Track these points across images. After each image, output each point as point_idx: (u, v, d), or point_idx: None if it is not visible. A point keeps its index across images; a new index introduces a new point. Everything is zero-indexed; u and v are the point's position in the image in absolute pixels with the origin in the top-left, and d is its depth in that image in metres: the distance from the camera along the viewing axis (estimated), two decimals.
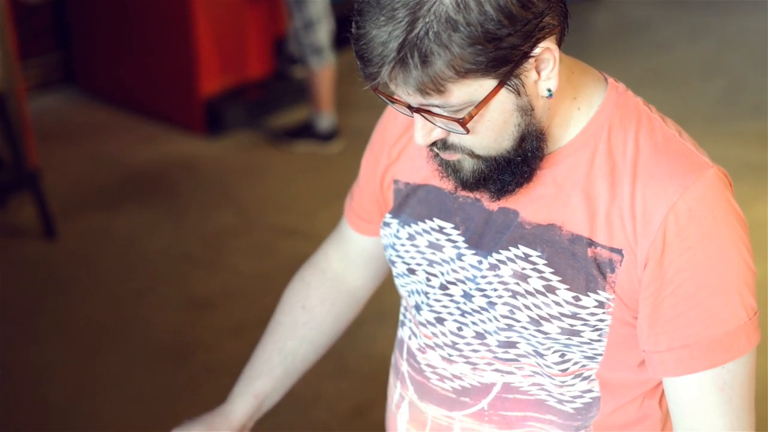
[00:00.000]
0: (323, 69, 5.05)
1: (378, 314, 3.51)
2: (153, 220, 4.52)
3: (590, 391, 1.52)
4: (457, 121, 1.35)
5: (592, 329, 1.46)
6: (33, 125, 4.77)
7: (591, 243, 1.44)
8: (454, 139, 1.41)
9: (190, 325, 3.84)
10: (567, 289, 1.45)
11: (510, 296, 1.48)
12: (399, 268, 1.60)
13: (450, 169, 1.45)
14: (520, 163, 1.42)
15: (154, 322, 3.84)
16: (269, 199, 4.70)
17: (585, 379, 1.51)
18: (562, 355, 1.49)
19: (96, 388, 3.46)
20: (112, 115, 5.52)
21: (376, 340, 3.67)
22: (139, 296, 3.98)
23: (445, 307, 1.56)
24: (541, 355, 1.49)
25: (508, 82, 1.34)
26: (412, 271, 1.58)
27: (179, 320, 3.87)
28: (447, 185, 1.49)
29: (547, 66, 1.36)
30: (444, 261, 1.54)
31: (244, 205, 4.66)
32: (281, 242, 4.26)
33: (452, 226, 1.54)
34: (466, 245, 1.52)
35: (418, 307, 1.60)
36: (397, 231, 1.59)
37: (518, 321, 1.48)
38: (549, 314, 1.46)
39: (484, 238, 1.51)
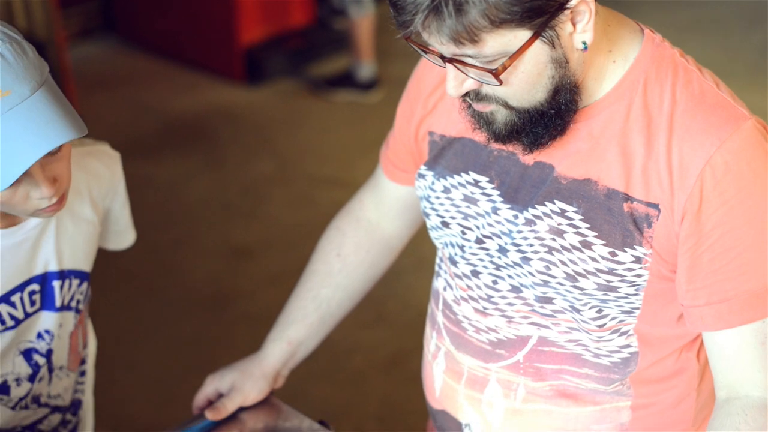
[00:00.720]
0: (363, 18, 5.02)
1: (416, 263, 3.51)
2: (192, 169, 4.53)
3: (628, 346, 1.51)
4: (491, 72, 1.33)
5: (628, 285, 1.45)
6: (73, 74, 4.78)
7: (627, 198, 1.42)
8: (487, 90, 1.39)
9: (229, 274, 3.86)
10: (603, 244, 1.44)
11: (546, 252, 1.47)
12: (433, 221, 1.60)
13: (482, 121, 1.44)
14: (553, 116, 1.41)
15: (193, 271, 3.86)
16: (308, 148, 4.70)
17: (623, 334, 1.50)
18: (599, 311, 1.48)
19: (135, 335, 3.49)
20: (152, 64, 5.52)
21: (414, 289, 3.67)
22: (178, 245, 4.00)
23: (481, 260, 1.55)
24: (578, 311, 1.49)
25: (543, 34, 1.32)
26: (446, 224, 1.58)
27: (218, 269, 3.89)
28: (480, 137, 1.48)
29: (582, 18, 1.34)
30: (479, 215, 1.53)
31: (284, 154, 4.66)
32: (320, 192, 4.26)
33: (487, 179, 1.53)
34: (502, 199, 1.51)
35: (453, 260, 1.59)
36: (432, 183, 1.58)
37: (554, 277, 1.47)
38: (585, 270, 1.45)
39: (520, 192, 1.50)
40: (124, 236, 1.91)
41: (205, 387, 1.79)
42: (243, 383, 1.76)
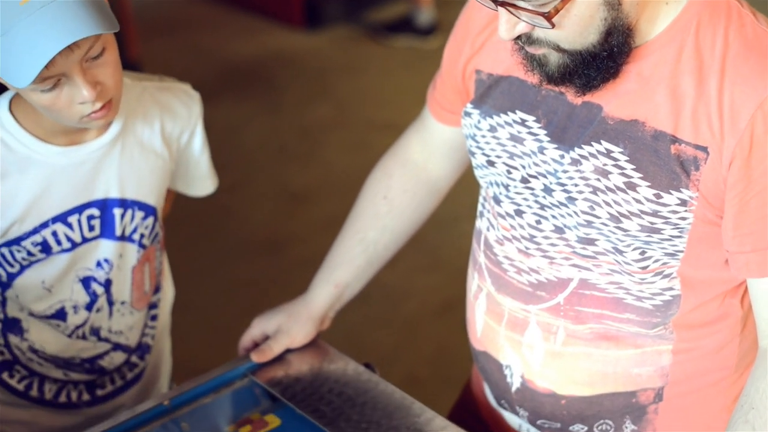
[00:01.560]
0: None
1: (472, 210, 3.49)
2: (250, 114, 4.54)
3: (671, 289, 1.50)
4: (543, 15, 1.32)
5: (672, 227, 1.44)
6: (134, 18, 4.80)
7: (675, 140, 1.41)
8: (539, 33, 1.38)
9: (284, 218, 3.87)
10: (648, 186, 1.42)
11: (590, 192, 1.46)
12: (478, 160, 1.59)
13: (535, 63, 1.43)
14: (605, 58, 1.40)
15: (249, 215, 3.88)
16: (366, 93, 4.69)
17: (666, 277, 1.49)
18: (642, 252, 1.47)
19: (190, 277, 3.52)
20: (211, 8, 5.53)
21: (470, 236, 3.65)
22: (235, 188, 4.02)
23: (525, 200, 1.54)
24: (621, 252, 1.48)
25: None
26: (491, 163, 1.57)
27: (274, 213, 3.90)
28: (532, 78, 1.47)
29: None
30: (525, 154, 1.53)
31: (341, 99, 4.65)
32: (376, 137, 4.25)
33: (534, 119, 1.52)
34: (548, 139, 1.50)
35: (497, 199, 1.59)
36: (478, 122, 1.57)
37: (598, 217, 1.46)
38: (629, 211, 1.44)
39: (567, 132, 1.49)
40: (205, 182, 1.93)
41: (252, 329, 1.81)
42: (289, 326, 1.77)
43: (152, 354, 1.93)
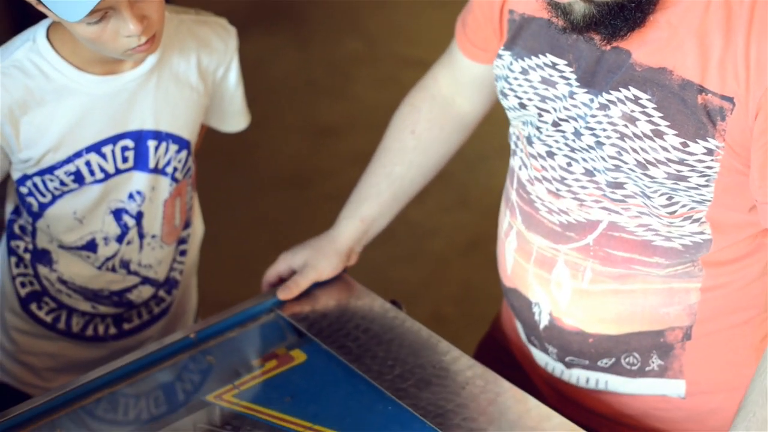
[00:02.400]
0: None
1: (500, 149, 3.46)
2: (279, 46, 4.51)
3: (701, 233, 1.49)
4: None
5: (699, 175, 1.43)
6: None
7: (702, 89, 1.40)
8: None
9: (312, 153, 3.86)
10: (675, 134, 1.41)
11: (618, 138, 1.45)
12: (510, 102, 1.57)
13: (560, 11, 1.42)
14: (633, 9, 1.38)
15: (277, 149, 3.87)
16: (398, 28, 4.65)
17: (695, 221, 1.48)
18: (670, 198, 1.46)
19: (217, 210, 3.51)
20: None
21: (497, 174, 3.63)
22: (262, 122, 3.98)
23: (556, 142, 1.53)
24: (649, 197, 1.47)
25: None
26: (523, 106, 1.55)
27: (301, 147, 3.89)
28: (559, 22, 1.45)
29: None
30: (556, 98, 1.51)
31: (372, 33, 4.61)
32: (407, 72, 4.22)
33: (565, 63, 1.50)
34: (578, 83, 1.49)
35: (529, 140, 1.58)
36: (510, 64, 1.56)
37: (625, 163, 1.45)
38: (656, 159, 1.43)
39: (596, 76, 1.47)
40: (238, 118, 1.92)
41: (278, 263, 1.81)
42: (316, 260, 1.77)
43: (179, 289, 1.94)
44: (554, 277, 1.58)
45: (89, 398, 1.59)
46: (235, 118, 1.92)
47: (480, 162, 3.62)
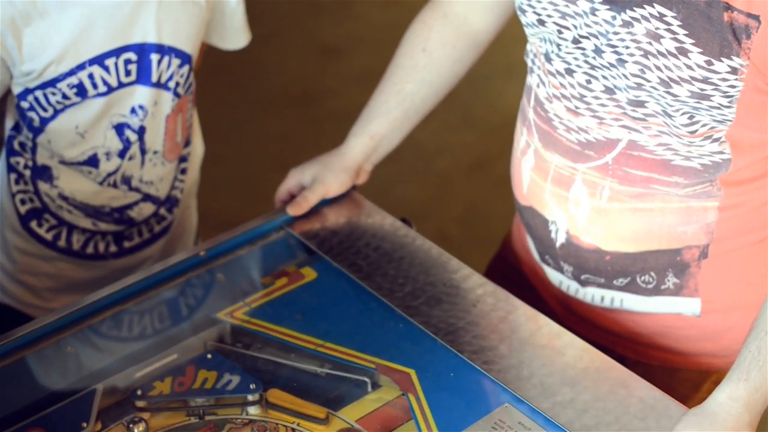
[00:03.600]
0: None
1: (506, 68, 3.45)
2: None
3: (721, 152, 1.48)
4: None
5: (722, 94, 1.41)
6: None
7: (728, 7, 1.37)
8: None
9: (317, 71, 3.83)
10: (700, 52, 1.38)
11: (641, 55, 1.42)
12: (529, 18, 1.54)
13: None
14: None
15: (281, 67, 3.84)
16: None
17: (715, 141, 1.46)
18: (691, 117, 1.44)
19: (221, 129, 3.50)
20: None
21: (504, 94, 3.62)
22: (266, 41, 3.96)
23: (576, 59, 1.51)
24: (670, 116, 1.45)
25: None
26: (542, 22, 1.52)
27: (306, 66, 3.86)
28: None
29: None
30: (577, 14, 1.48)
31: None
32: None
33: None
34: (600, 0, 1.45)
35: (547, 57, 1.55)
36: None
37: (648, 81, 1.43)
38: (679, 77, 1.40)
39: None
40: (239, 35, 1.90)
41: (288, 180, 1.80)
42: (325, 176, 1.75)
43: (180, 208, 1.93)
44: (572, 196, 1.57)
45: (98, 317, 1.58)
46: (235, 35, 1.89)
47: (485, 81, 3.59)
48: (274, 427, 1.46)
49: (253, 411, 1.48)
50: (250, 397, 1.48)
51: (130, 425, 1.43)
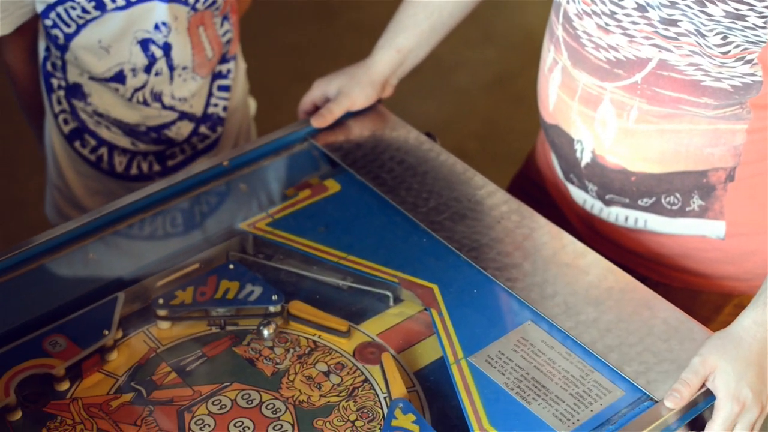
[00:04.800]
0: None
1: None
2: None
3: (752, 75, 1.45)
4: None
5: (757, 15, 1.37)
6: None
7: None
8: None
9: None
10: None
11: None
12: None
13: None
14: None
15: None
16: None
17: (747, 62, 1.44)
18: (724, 37, 1.41)
19: (240, 41, 3.47)
20: None
21: (525, 10, 3.58)
22: None
23: None
24: (703, 36, 1.42)
25: None
26: None
27: None
28: None
29: None
30: None
31: None
32: None
33: None
34: None
35: None
36: None
37: None
38: None
39: None
40: None
41: (312, 91, 1.78)
42: (351, 88, 1.73)
43: (227, 127, 1.92)
44: (599, 115, 1.55)
45: (121, 224, 1.58)
46: None
47: None
48: (296, 339, 1.46)
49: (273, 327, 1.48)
50: (271, 309, 1.48)
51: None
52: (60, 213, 1.96)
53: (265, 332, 1.44)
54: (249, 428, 1.35)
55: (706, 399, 1.34)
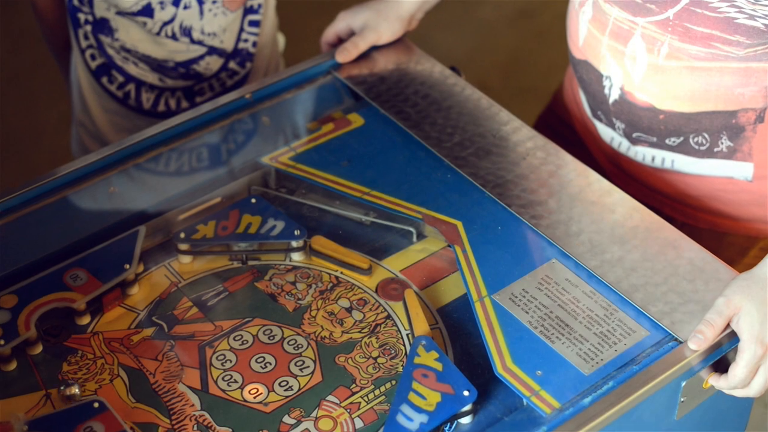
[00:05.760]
0: None
1: None
2: None
3: None
4: None
5: None
6: None
7: None
8: None
9: None
10: None
11: None
12: None
13: None
14: None
15: None
16: None
17: None
18: None
19: None
20: None
21: None
22: None
23: None
24: None
25: None
26: None
27: None
28: None
29: None
30: None
31: None
32: None
33: None
34: None
35: None
36: None
37: None
38: None
39: None
40: None
41: (337, 23, 1.75)
42: (378, 23, 1.71)
43: (256, 63, 1.89)
44: (629, 51, 1.52)
45: (142, 157, 1.56)
46: None
47: None
48: (318, 275, 1.45)
49: (297, 257, 1.48)
50: (294, 244, 1.47)
51: None
52: (85, 149, 1.95)
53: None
54: (270, 364, 1.34)
55: (730, 341, 1.33)
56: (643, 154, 1.60)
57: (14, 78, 3.13)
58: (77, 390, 1.29)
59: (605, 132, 1.63)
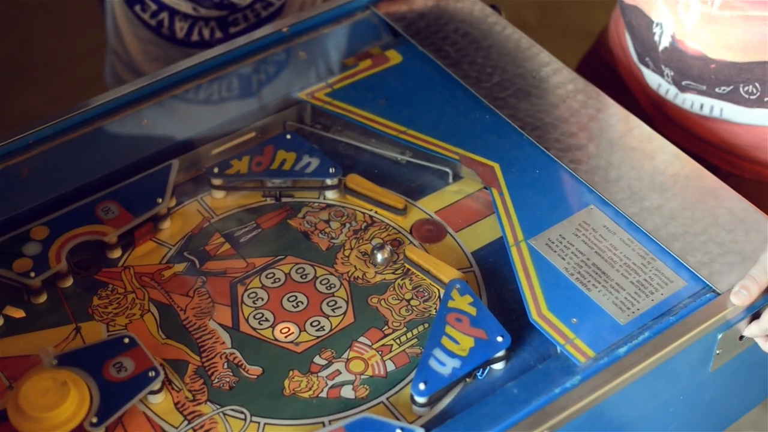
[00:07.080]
0: None
1: None
2: None
3: None
4: None
5: None
6: None
7: None
8: None
9: None
10: None
11: None
12: None
13: None
14: None
15: None
16: None
17: None
18: None
19: None
20: None
21: None
22: None
23: None
24: None
25: None
26: None
27: None
28: None
29: None
30: None
31: None
32: None
33: None
34: None
35: None
36: None
37: None
38: None
39: None
40: None
41: None
42: None
43: None
44: None
45: (177, 90, 1.54)
46: None
47: None
48: (352, 213, 1.44)
49: (331, 195, 1.46)
50: (328, 181, 1.45)
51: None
52: (118, 79, 1.93)
53: (379, 256, 1.38)
54: (303, 303, 1.33)
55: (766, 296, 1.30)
56: (692, 101, 1.56)
57: (47, 2, 3.11)
58: None
59: (652, 78, 1.60)
